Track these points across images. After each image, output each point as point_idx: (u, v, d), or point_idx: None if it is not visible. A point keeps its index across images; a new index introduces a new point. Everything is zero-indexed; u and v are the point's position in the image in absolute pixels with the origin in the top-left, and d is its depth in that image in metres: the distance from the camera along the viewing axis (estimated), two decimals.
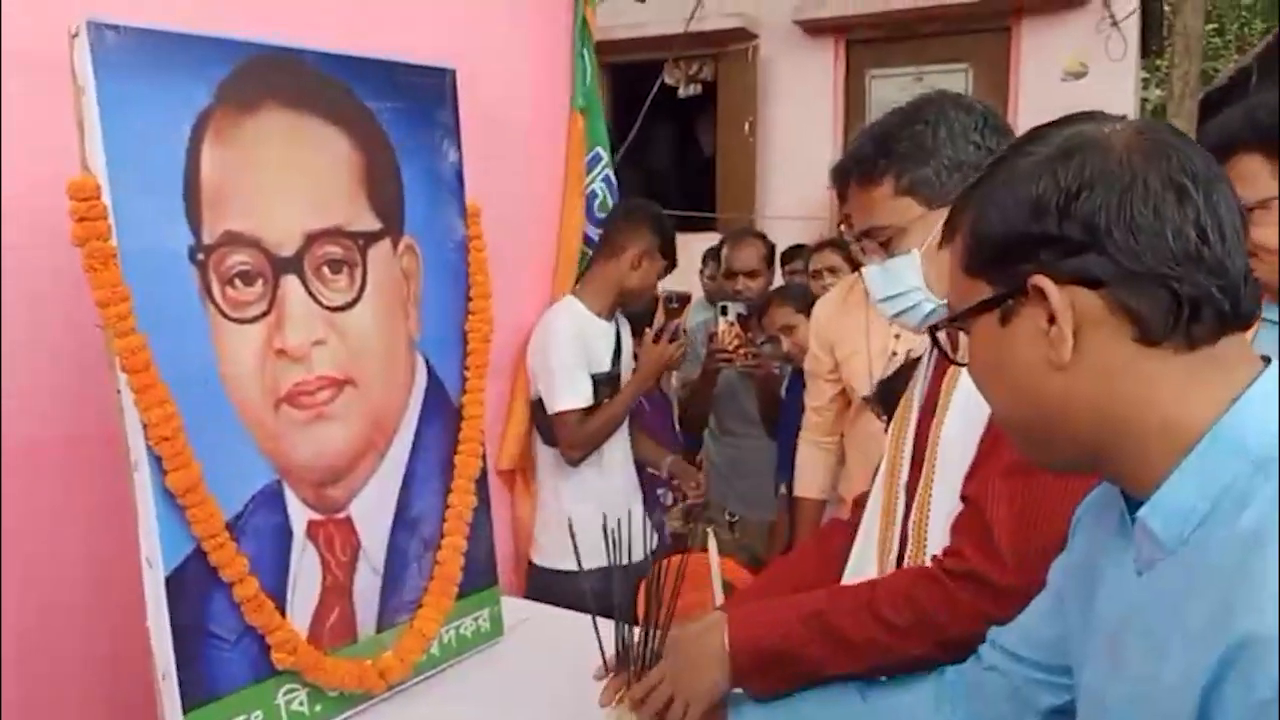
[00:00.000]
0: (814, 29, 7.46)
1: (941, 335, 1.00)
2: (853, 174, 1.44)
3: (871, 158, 1.40)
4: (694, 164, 8.40)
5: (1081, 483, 1.13)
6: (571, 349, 2.72)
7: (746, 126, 7.60)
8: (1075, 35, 6.78)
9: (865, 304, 2.63)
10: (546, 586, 2.70)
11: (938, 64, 7.19)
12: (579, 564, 1.48)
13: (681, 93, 7.81)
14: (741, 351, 3.05)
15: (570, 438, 2.72)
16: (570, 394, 2.71)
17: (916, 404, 1.49)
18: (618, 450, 2.89)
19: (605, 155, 2.98)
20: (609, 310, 2.85)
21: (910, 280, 1.39)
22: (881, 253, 1.43)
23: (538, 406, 2.78)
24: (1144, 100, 10.49)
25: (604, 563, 1.49)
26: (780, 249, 4.14)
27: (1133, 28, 6.70)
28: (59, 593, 1.70)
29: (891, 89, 7.25)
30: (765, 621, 1.34)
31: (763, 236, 3.73)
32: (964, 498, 1.30)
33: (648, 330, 2.94)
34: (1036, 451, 0.93)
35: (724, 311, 3.13)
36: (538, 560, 2.86)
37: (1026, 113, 6.90)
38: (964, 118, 1.38)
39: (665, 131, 7.86)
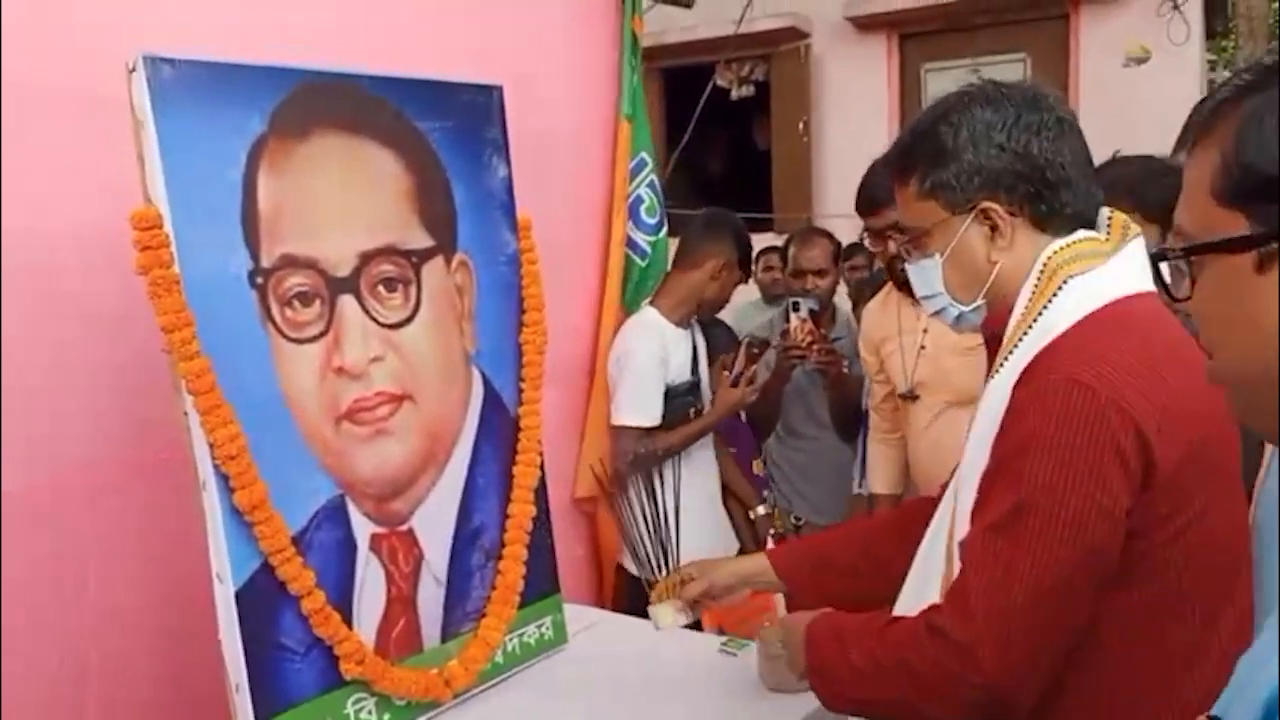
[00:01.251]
0: (866, 25, 7.41)
1: (1165, 267, 0.84)
2: (892, 168, 1.42)
3: (903, 155, 1.38)
4: (749, 165, 8.39)
5: (1064, 547, 1.14)
6: (649, 366, 2.77)
7: (801, 126, 7.58)
8: (1136, 20, 6.65)
9: (900, 301, 2.63)
10: (639, 593, 2.76)
11: (994, 55, 7.10)
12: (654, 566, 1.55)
13: (734, 94, 7.80)
14: (815, 348, 3.02)
15: (624, 452, 2.75)
16: (635, 410, 2.76)
17: None
18: (706, 451, 2.95)
19: (650, 160, 3.01)
20: (686, 319, 2.90)
21: (935, 284, 1.38)
22: (910, 250, 1.41)
23: None
24: (1211, 82, 10.24)
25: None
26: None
27: (1195, 10, 6.56)
28: (135, 608, 1.76)
29: (947, 82, 7.07)
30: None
31: (829, 235, 3.71)
32: (961, 544, 1.29)
33: (725, 374, 2.98)
34: (1260, 418, 0.80)
35: (795, 308, 3.09)
36: (629, 567, 2.90)
37: (1088, 101, 6.78)
38: (990, 116, 1.29)
39: (719, 134, 7.86)
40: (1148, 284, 1.26)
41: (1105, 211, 1.35)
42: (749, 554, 1.72)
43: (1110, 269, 1.26)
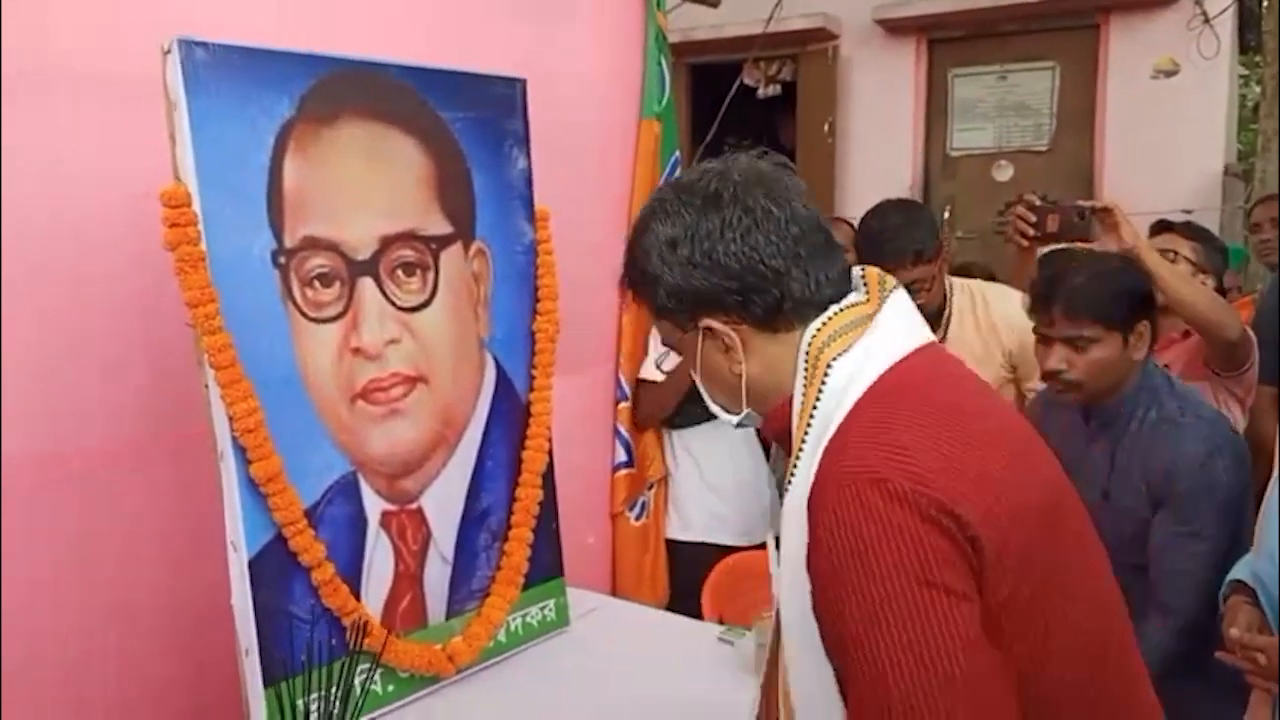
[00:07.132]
0: (895, 28, 7.39)
1: None
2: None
3: (626, 273, 1.24)
4: None
5: (939, 655, 0.96)
6: None
7: (826, 127, 7.57)
8: (1166, 33, 6.61)
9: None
10: (679, 560, 3.06)
11: (1023, 62, 7.08)
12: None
13: (761, 93, 7.81)
14: None
15: (638, 401, 3.02)
16: (647, 368, 3.01)
17: None
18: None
19: (680, 159, 3.09)
20: None
21: (706, 396, 1.26)
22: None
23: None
24: (1243, 98, 10.15)
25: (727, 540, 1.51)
26: None
27: (1226, 25, 6.52)
28: (152, 572, 1.81)
29: (975, 88, 7.16)
30: None
31: (849, 222, 3.72)
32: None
33: None
34: None
35: None
36: (668, 534, 3.14)
37: (1116, 111, 6.77)
38: (670, 232, 1.16)
39: (744, 132, 7.87)
40: (923, 333, 1.17)
41: (858, 270, 1.22)
42: None
43: (876, 335, 1.12)
